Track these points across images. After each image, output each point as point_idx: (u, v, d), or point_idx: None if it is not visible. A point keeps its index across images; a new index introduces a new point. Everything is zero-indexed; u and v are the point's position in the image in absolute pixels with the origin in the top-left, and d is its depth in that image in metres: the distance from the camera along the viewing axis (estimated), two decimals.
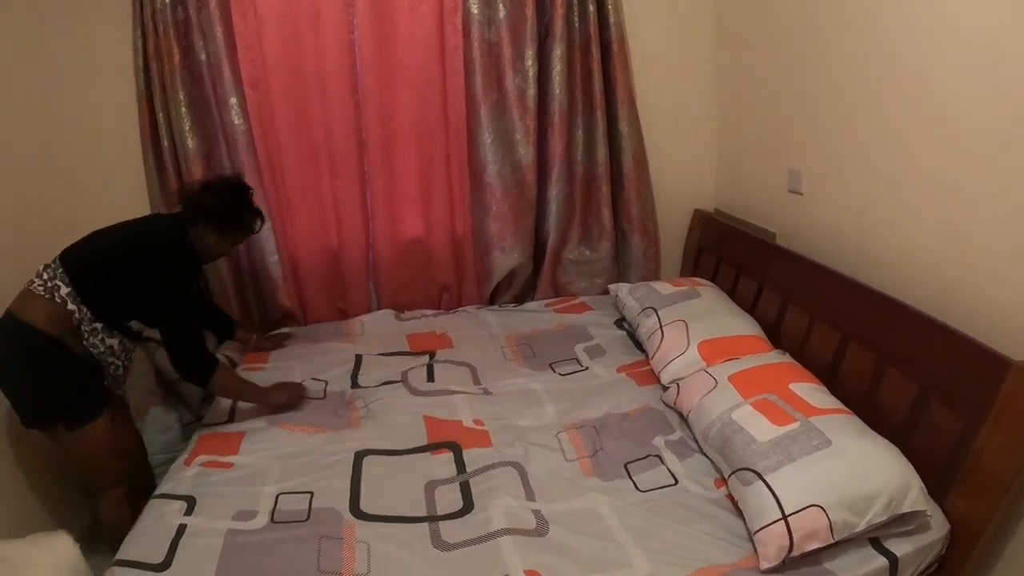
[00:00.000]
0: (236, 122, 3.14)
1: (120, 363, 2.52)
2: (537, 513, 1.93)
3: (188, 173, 3.12)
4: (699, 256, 3.37)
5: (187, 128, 3.10)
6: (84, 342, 2.37)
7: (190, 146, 3.11)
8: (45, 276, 2.33)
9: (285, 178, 3.35)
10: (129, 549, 1.95)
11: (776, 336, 2.56)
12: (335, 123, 3.26)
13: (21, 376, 2.31)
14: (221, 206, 2.53)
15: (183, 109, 3.09)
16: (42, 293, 2.30)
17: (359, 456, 2.28)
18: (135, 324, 2.51)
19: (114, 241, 2.47)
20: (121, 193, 3.15)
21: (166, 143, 3.14)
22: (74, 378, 2.36)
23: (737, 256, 2.98)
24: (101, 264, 2.42)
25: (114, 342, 2.45)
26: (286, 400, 2.62)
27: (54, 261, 2.37)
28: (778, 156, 2.87)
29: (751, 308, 2.74)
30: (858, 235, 2.42)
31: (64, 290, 2.31)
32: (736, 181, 3.29)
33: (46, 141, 3.00)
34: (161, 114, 3.11)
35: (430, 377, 2.79)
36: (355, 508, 2.03)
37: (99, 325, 2.39)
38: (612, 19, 3.12)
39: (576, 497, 2.00)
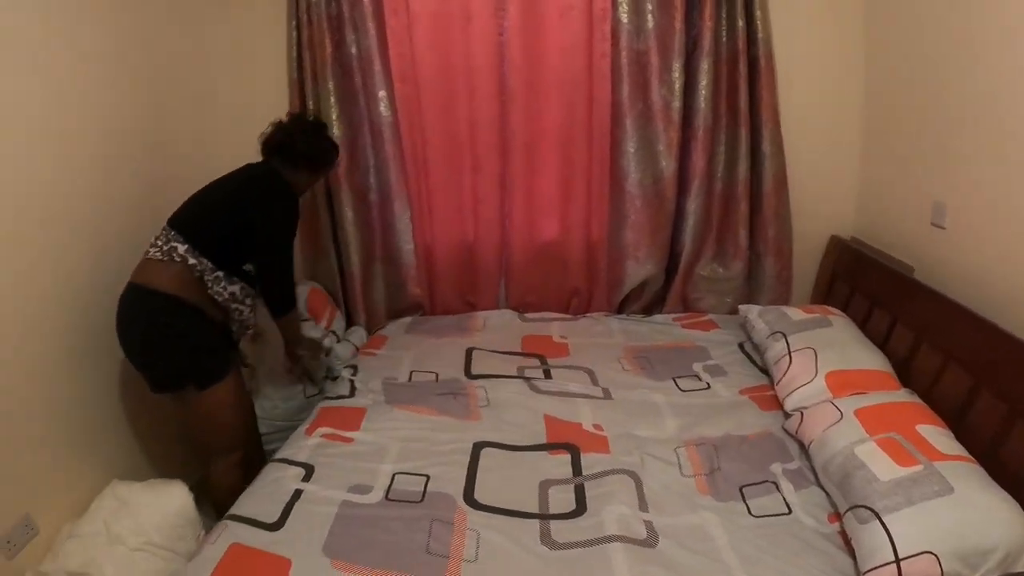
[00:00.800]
0: (384, 114, 3.30)
1: (243, 308, 2.65)
2: (648, 524, 1.96)
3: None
4: (832, 284, 3.29)
5: (334, 117, 3.28)
6: (209, 291, 2.49)
7: (336, 134, 3.26)
8: (159, 243, 2.45)
9: (428, 170, 3.48)
10: (244, 506, 2.09)
11: (905, 374, 2.48)
12: (480, 121, 3.36)
13: (149, 340, 2.44)
14: (314, 146, 2.73)
15: (332, 99, 3.26)
16: (160, 257, 2.42)
17: (477, 447, 2.37)
18: (250, 267, 2.66)
19: (217, 192, 2.62)
20: None
21: None
22: (204, 338, 2.50)
23: (872, 287, 2.91)
24: (210, 215, 2.55)
25: (235, 288, 2.57)
26: (305, 354, 2.96)
27: (164, 229, 2.50)
28: (922, 187, 2.78)
29: (882, 343, 2.67)
30: (1002, 276, 2.31)
31: (181, 248, 2.43)
32: (877, 210, 3.20)
33: (201, 122, 3.24)
34: (311, 102, 3.29)
35: (547, 377, 2.86)
36: (469, 496, 2.11)
37: (220, 273, 2.50)
38: (760, 35, 3.08)
39: (689, 513, 2.02)
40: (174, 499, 2.50)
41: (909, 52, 2.84)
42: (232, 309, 2.60)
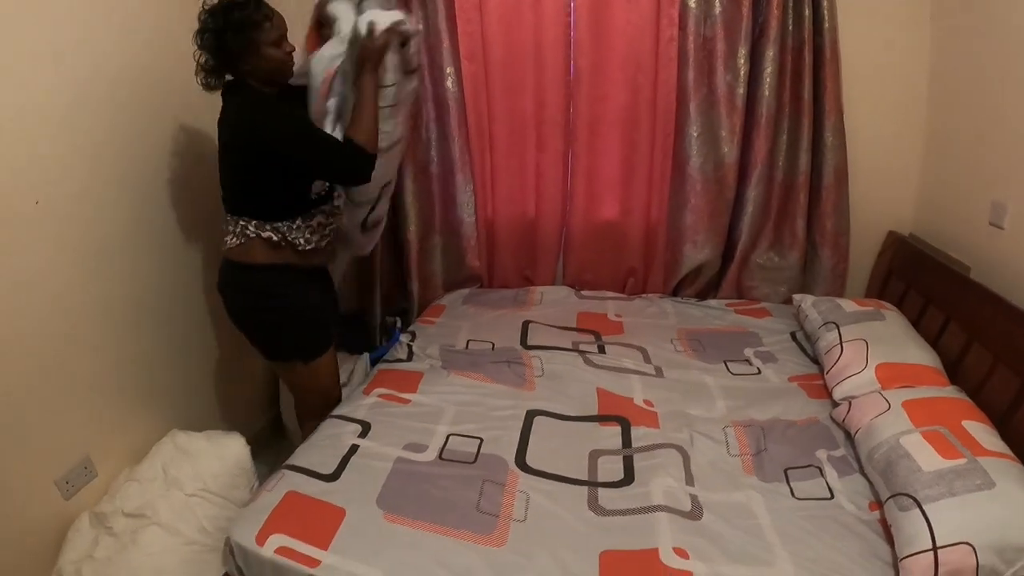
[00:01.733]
0: (451, 89, 3.37)
1: (332, 224, 2.60)
2: (694, 498, 2.03)
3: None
4: (888, 279, 3.29)
5: None
6: (300, 249, 2.45)
7: None
8: (231, 229, 2.42)
9: (492, 146, 3.53)
10: (301, 457, 2.20)
11: (956, 372, 2.49)
12: (546, 100, 3.41)
13: (257, 319, 2.53)
14: (227, 26, 2.25)
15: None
16: (241, 241, 2.40)
17: (531, 414, 2.46)
18: (316, 187, 2.48)
19: (227, 158, 2.40)
20: None
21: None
22: (309, 309, 2.54)
23: (927, 285, 2.91)
24: (241, 182, 2.40)
25: (315, 222, 2.49)
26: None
27: (225, 219, 2.47)
28: (982, 185, 2.77)
29: (934, 340, 2.68)
30: None
31: (251, 225, 2.39)
32: (936, 207, 3.19)
33: None
34: None
35: (601, 352, 2.93)
36: (520, 460, 2.20)
37: (298, 223, 2.44)
38: (827, 24, 3.06)
39: (733, 490, 2.07)
40: (231, 449, 2.62)
41: (976, 48, 2.82)
42: (324, 237, 2.55)
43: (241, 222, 2.41)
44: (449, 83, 3.38)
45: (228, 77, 2.38)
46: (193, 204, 2.89)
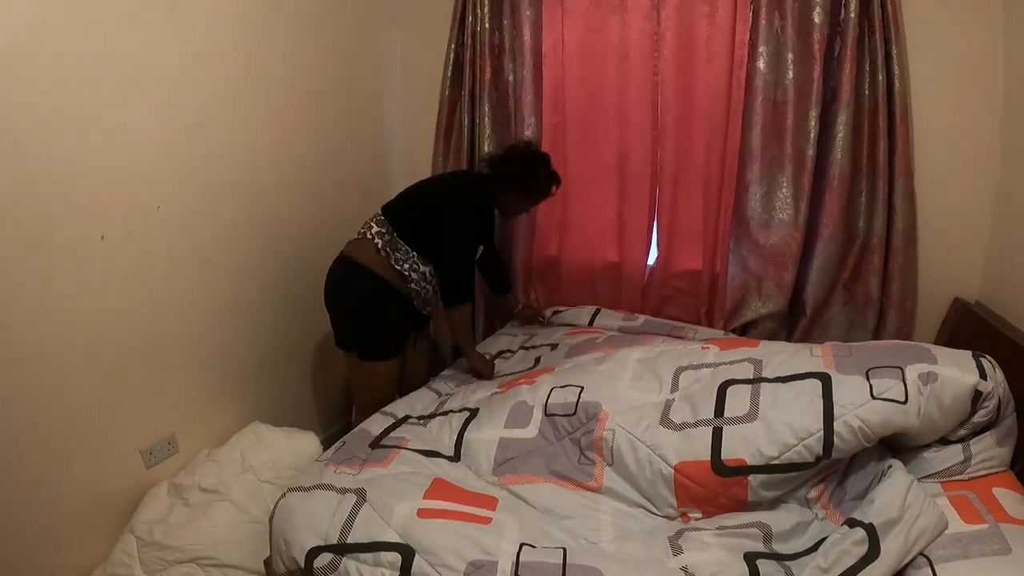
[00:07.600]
0: (531, 138, 3.54)
1: (427, 286, 2.99)
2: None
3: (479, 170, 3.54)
4: (949, 346, 3.21)
5: (486, 135, 3.63)
6: (396, 266, 2.88)
7: (485, 151, 3.63)
8: (372, 223, 2.92)
9: (567, 193, 3.71)
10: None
11: None
12: (632, 152, 3.57)
13: (333, 300, 2.88)
14: (529, 174, 3.01)
15: (487, 119, 3.61)
16: (358, 236, 2.93)
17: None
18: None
19: (425, 188, 3.03)
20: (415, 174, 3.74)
21: (465, 144, 3.71)
22: (382, 316, 2.88)
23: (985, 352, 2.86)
24: (409, 203, 2.95)
25: (426, 269, 2.94)
26: (478, 370, 3.06)
27: (375, 215, 2.91)
28: None
29: None
30: None
31: (375, 228, 2.89)
32: (1002, 274, 3.12)
33: (370, 124, 3.76)
34: (466, 118, 3.66)
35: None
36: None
37: (414, 253, 2.90)
38: (898, 88, 3.06)
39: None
40: (307, 446, 2.89)
41: None
42: (414, 281, 2.93)
43: (372, 223, 2.94)
44: (529, 132, 3.60)
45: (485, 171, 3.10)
46: (296, 215, 3.25)
